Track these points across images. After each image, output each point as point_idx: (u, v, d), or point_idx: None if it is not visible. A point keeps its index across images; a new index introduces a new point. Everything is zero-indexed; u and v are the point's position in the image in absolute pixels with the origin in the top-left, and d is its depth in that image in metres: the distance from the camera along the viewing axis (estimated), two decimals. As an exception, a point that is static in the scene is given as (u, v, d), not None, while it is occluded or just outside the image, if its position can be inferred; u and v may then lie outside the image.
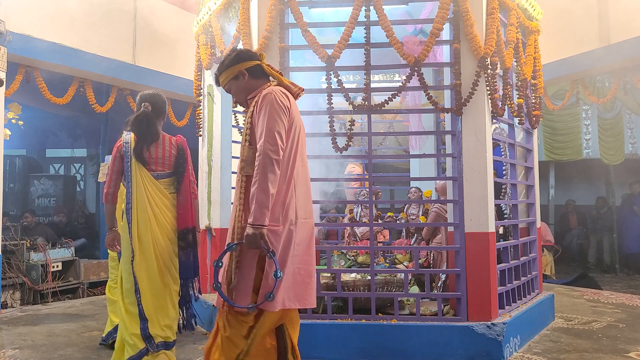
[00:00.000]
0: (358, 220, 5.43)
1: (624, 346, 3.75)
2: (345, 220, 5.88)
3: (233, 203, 2.35)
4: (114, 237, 3.17)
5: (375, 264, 3.87)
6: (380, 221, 5.32)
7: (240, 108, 3.30)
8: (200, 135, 4.85)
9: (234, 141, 4.65)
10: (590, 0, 6.51)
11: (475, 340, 3.46)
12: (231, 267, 2.21)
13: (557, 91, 7.88)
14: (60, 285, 6.28)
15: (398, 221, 5.43)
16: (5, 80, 5.25)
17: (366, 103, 3.69)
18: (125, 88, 7.02)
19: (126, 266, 2.99)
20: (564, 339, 3.95)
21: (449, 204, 3.84)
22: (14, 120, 6.26)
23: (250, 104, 2.36)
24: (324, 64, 3.68)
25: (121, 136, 3.11)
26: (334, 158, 3.88)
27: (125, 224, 3.02)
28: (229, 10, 4.17)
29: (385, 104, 3.69)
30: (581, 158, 9.12)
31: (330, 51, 3.65)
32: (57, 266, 6.34)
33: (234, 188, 2.95)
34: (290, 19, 3.80)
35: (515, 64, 4.18)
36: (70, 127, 9.71)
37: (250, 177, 2.22)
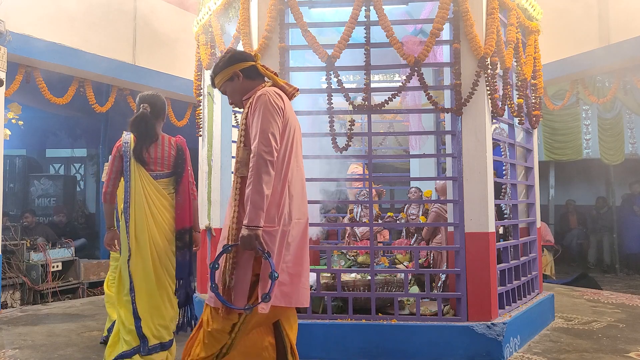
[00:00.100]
0: (358, 220, 5.43)
1: (624, 346, 3.76)
2: (346, 220, 5.88)
3: (228, 204, 2.35)
4: (112, 237, 3.18)
5: (376, 264, 3.87)
6: (380, 221, 5.32)
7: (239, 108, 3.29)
8: (200, 135, 4.85)
9: (234, 141, 4.64)
10: (590, 0, 6.51)
11: (475, 340, 3.47)
12: (227, 269, 2.21)
13: (557, 91, 7.88)
14: (60, 285, 6.28)
15: (398, 221, 5.43)
16: (5, 80, 5.25)
17: (366, 103, 3.69)
18: (125, 88, 7.02)
19: (124, 265, 3.01)
20: (564, 339, 3.95)
21: (449, 204, 3.84)
22: (14, 120, 6.26)
23: (245, 105, 2.36)
24: (324, 64, 3.68)
25: (121, 136, 3.12)
26: (333, 158, 3.88)
27: (123, 223, 3.03)
28: (229, 10, 4.17)
29: (385, 104, 3.69)
30: (581, 158, 9.12)
31: (330, 51, 3.65)
32: (57, 266, 6.34)
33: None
34: (290, 19, 3.80)
35: (515, 64, 4.18)
36: (70, 127, 9.69)
37: (244, 178, 2.22)
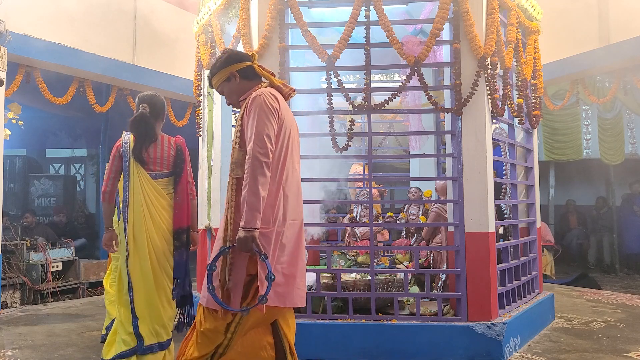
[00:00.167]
0: (358, 220, 5.43)
1: (624, 346, 3.76)
2: (346, 220, 5.88)
3: (224, 205, 2.35)
4: (110, 237, 3.17)
5: (376, 264, 3.87)
6: (380, 221, 5.32)
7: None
8: (200, 135, 4.85)
9: (234, 141, 4.64)
10: (590, 0, 6.51)
11: (475, 340, 3.47)
12: (224, 270, 2.21)
13: (557, 91, 7.87)
14: (60, 285, 6.28)
15: (398, 221, 5.43)
16: (5, 80, 5.24)
17: (366, 103, 3.69)
18: (125, 88, 7.01)
19: (122, 265, 3.01)
20: (564, 339, 3.95)
21: (449, 204, 3.84)
22: (14, 120, 6.26)
23: (241, 106, 2.36)
24: (324, 64, 3.68)
25: (121, 136, 3.12)
26: (333, 158, 3.88)
27: (121, 224, 3.03)
28: (229, 10, 4.16)
29: (385, 104, 3.69)
30: (581, 158, 9.11)
31: (330, 51, 3.65)
32: (57, 266, 6.34)
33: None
34: (290, 18, 3.80)
35: (515, 64, 4.17)
36: (70, 127, 9.69)
37: (240, 179, 2.22)
